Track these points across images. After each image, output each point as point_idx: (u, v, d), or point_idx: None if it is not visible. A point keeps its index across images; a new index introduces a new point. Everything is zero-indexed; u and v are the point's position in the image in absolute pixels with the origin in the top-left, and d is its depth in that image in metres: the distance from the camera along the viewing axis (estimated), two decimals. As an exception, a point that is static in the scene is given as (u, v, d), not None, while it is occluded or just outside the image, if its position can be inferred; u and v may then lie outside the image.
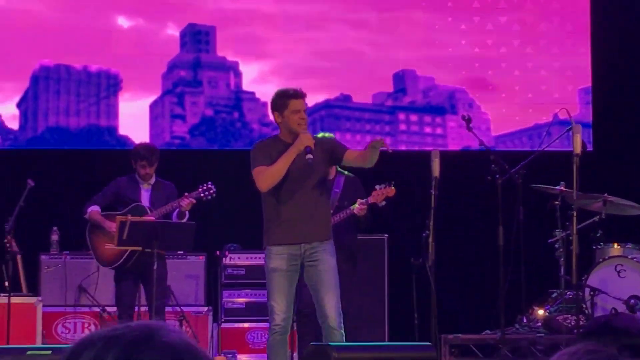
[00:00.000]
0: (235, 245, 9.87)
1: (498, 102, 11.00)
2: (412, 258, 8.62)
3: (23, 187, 8.68)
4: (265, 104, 10.75)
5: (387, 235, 9.69)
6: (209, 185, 8.56)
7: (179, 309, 9.12)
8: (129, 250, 8.36)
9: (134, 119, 10.76)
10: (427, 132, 11.09)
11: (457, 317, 9.63)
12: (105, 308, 9.28)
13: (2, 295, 8.74)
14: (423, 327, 8.34)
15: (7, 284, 8.67)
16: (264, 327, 8.78)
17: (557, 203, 8.97)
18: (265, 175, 6.95)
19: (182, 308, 9.14)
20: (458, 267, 10.17)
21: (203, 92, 10.92)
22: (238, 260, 9.78)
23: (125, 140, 10.69)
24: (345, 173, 8.57)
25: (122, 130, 10.77)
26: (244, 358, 9.48)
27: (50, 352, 6.17)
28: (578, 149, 7.65)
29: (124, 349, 1.61)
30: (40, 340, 8.79)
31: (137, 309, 8.65)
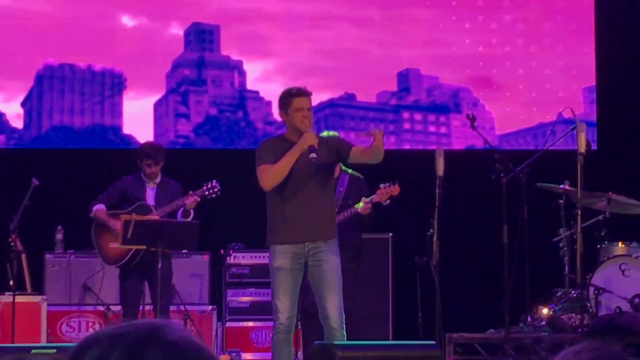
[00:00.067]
0: (240, 244, 9.87)
1: (502, 101, 10.99)
2: (416, 257, 8.61)
3: (27, 186, 8.70)
4: (270, 103, 10.75)
5: (391, 234, 9.69)
6: (214, 184, 8.55)
7: (183, 308, 9.12)
8: (134, 249, 8.36)
9: (138, 118, 10.76)
10: (431, 131, 11.08)
11: (461, 315, 9.63)
12: (110, 307, 9.27)
13: (7, 294, 8.75)
14: (427, 325, 8.34)
15: (11, 283, 8.69)
16: (268, 326, 8.78)
17: (561, 202, 8.97)
18: (269, 174, 6.94)
19: (186, 307, 9.15)
20: (462, 265, 10.16)
21: (207, 91, 10.91)
22: (242, 259, 9.78)
23: (130, 139, 10.69)
24: (350, 172, 8.56)
25: (126, 130, 10.77)
26: (248, 357, 9.48)
27: (55, 350, 6.16)
28: (582, 148, 7.64)
29: (129, 347, 1.61)
30: (45, 339, 8.80)
31: (141, 308, 8.65)
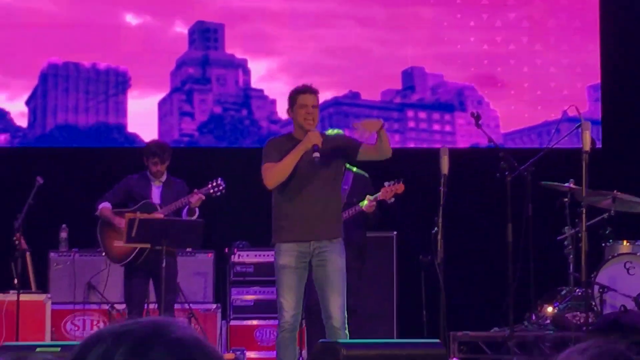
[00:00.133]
0: (244, 243, 9.86)
1: (507, 99, 10.98)
2: (420, 255, 8.62)
3: (32, 184, 8.70)
4: (274, 102, 10.75)
5: (395, 232, 9.68)
6: (219, 182, 8.55)
7: (188, 306, 9.12)
8: (139, 247, 8.36)
9: (143, 117, 10.76)
10: (435, 129, 11.07)
11: (465, 314, 9.62)
12: (114, 305, 9.27)
13: (11, 293, 8.76)
14: (432, 324, 8.34)
15: (16, 282, 8.69)
16: (273, 324, 8.78)
17: (566, 200, 8.96)
18: (272, 172, 6.95)
19: (190, 305, 9.15)
20: (467, 264, 10.15)
21: (212, 89, 10.91)
22: (247, 258, 9.78)
23: (134, 138, 10.69)
24: (354, 170, 8.56)
25: (130, 128, 10.77)
26: (253, 355, 9.48)
27: (59, 349, 6.17)
28: (587, 146, 7.63)
29: (134, 345, 1.61)
30: (49, 338, 8.80)
31: (146, 306, 8.65)
